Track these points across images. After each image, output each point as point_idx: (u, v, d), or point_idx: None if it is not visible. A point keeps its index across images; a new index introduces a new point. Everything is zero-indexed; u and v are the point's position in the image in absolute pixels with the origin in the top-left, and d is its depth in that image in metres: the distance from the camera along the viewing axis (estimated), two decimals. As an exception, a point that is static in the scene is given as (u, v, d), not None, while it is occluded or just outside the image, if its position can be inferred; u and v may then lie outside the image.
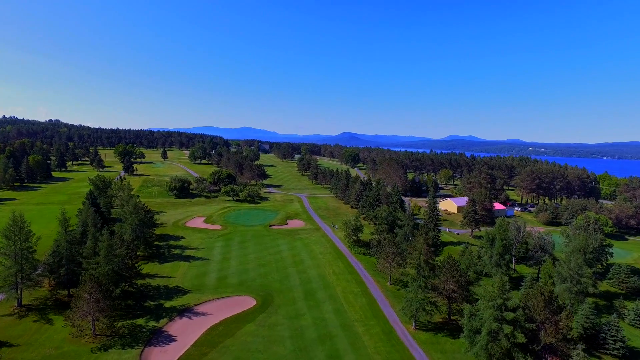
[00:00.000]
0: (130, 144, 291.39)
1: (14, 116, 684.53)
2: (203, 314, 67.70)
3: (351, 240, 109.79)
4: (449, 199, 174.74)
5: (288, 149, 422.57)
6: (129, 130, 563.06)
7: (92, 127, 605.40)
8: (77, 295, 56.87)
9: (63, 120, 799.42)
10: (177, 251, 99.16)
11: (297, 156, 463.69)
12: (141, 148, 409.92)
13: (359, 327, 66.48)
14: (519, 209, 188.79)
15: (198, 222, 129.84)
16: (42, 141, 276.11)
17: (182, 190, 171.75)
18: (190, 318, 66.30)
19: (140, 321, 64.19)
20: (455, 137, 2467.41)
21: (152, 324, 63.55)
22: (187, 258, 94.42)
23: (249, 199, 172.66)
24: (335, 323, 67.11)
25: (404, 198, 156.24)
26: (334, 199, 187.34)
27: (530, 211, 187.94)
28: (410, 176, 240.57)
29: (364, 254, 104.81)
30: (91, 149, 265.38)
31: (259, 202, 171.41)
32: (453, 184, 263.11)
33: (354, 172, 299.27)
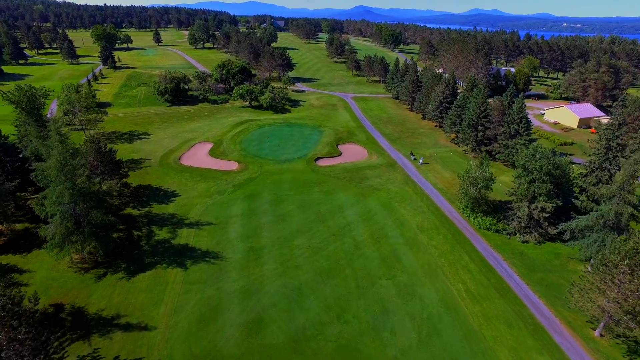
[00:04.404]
0: (112, 25, 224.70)
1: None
2: None
3: (467, 198, 61.65)
4: (565, 107, 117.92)
5: (309, 27, 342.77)
6: (118, 7, 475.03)
7: (77, 4, 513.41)
8: None
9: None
10: (165, 234, 54.12)
11: (320, 35, 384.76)
12: (131, 29, 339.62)
13: None
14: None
15: (201, 155, 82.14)
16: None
17: (177, 94, 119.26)
18: None
19: None
20: (477, 11, 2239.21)
21: None
22: (182, 255, 49.78)
23: (273, 104, 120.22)
24: None
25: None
26: (392, 101, 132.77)
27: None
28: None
29: (497, 231, 58.15)
30: (60, 31, 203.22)
31: (288, 110, 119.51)
32: (533, 77, 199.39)
33: (395, 56, 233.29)
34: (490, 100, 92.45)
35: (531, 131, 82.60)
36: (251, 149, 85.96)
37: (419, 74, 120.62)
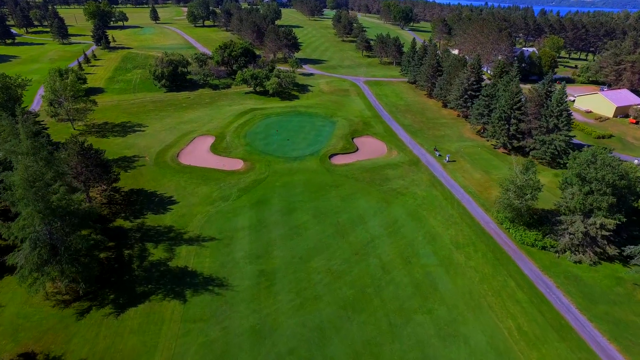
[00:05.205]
0: (106, 1, 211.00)
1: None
2: None
3: (509, 210, 53.14)
4: (600, 93, 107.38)
5: (314, 3, 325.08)
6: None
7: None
8: None
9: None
10: (160, 253, 46.52)
11: (326, 11, 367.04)
12: (127, 6, 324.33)
13: None
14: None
15: (201, 152, 73.70)
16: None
17: (174, 78, 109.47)
18: None
19: None
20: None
21: None
22: (181, 282, 42.28)
23: (280, 90, 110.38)
24: None
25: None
26: (408, 86, 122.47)
27: None
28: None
29: (543, 247, 50.17)
30: (50, 8, 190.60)
31: (296, 97, 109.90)
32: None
33: (406, 34, 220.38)
34: (524, 88, 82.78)
35: (572, 126, 73.41)
36: (257, 143, 77.35)
37: (439, 57, 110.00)
